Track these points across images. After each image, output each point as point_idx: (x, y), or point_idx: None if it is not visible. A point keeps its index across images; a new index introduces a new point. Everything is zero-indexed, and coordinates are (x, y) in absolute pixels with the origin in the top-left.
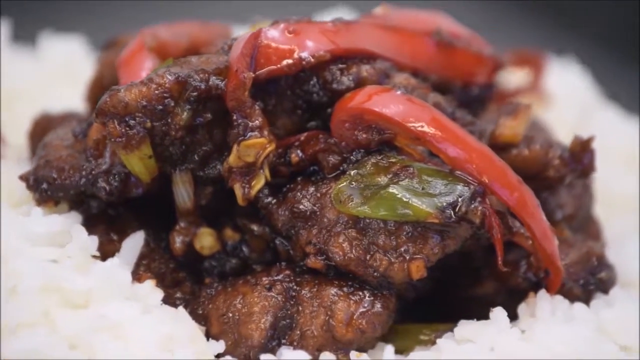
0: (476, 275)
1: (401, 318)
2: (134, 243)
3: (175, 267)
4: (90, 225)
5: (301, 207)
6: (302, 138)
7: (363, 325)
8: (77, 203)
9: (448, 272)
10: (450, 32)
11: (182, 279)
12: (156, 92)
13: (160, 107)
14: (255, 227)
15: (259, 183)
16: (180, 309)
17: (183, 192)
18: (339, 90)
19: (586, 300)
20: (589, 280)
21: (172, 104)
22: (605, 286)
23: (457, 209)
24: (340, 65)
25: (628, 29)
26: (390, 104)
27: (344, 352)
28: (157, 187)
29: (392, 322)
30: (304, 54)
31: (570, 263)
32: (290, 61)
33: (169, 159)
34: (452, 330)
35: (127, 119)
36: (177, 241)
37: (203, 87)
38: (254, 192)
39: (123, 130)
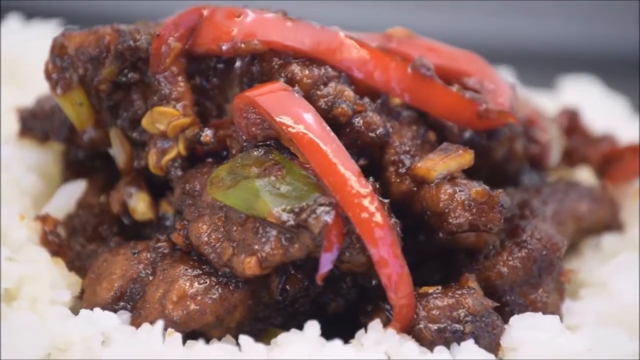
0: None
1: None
2: (72, 190)
3: (101, 223)
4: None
5: (187, 185)
6: (219, 122)
7: (191, 308)
8: (67, 151)
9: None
10: (459, 71)
11: (106, 234)
12: (93, 41)
13: (93, 56)
14: (172, 200)
15: (169, 154)
16: (43, 252)
17: (115, 150)
18: None
19: (441, 344)
20: (447, 328)
21: (104, 55)
22: (463, 338)
23: (297, 215)
24: (280, 62)
25: None
26: (280, 102)
27: (174, 330)
28: None
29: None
30: (237, 39)
31: (433, 306)
32: (222, 42)
33: (105, 113)
34: None
35: (62, 61)
36: (112, 198)
37: (127, 45)
38: (163, 162)
39: (55, 70)
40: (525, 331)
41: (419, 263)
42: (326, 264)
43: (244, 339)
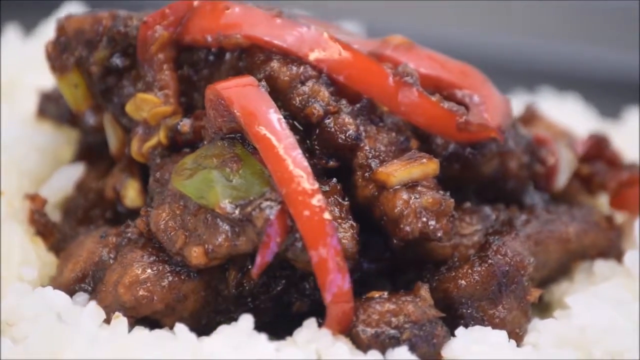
0: None
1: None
2: (70, 173)
3: (93, 207)
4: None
5: (158, 173)
6: (200, 112)
7: (140, 293)
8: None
9: None
10: (450, 83)
11: (97, 218)
12: (90, 25)
13: (89, 39)
14: None
15: (150, 142)
16: (19, 229)
17: (108, 136)
18: None
19: (377, 349)
20: (384, 332)
21: (99, 39)
22: (399, 344)
23: (242, 208)
24: (263, 57)
25: None
26: (243, 95)
27: (120, 314)
28: None
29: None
30: (221, 31)
31: (373, 311)
32: (207, 33)
33: (99, 98)
34: None
35: (61, 43)
36: (107, 184)
37: (116, 29)
38: (144, 149)
39: (54, 51)
40: (469, 344)
41: (397, 271)
42: (262, 259)
43: (179, 327)
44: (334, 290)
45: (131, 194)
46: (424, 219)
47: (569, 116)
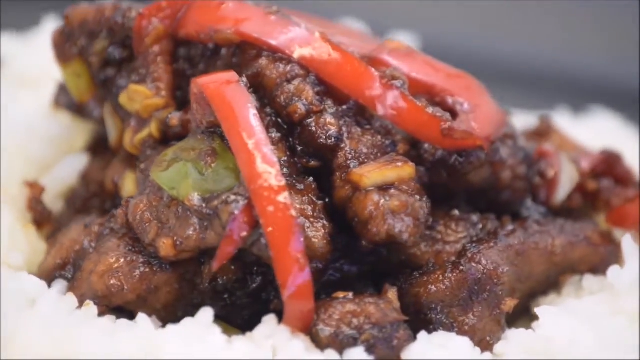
0: None
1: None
2: (74, 163)
3: (92, 197)
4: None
5: (143, 165)
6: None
7: (111, 282)
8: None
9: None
10: (443, 89)
11: (95, 208)
12: (93, 15)
13: (91, 30)
14: None
15: (141, 134)
16: (9, 216)
17: (108, 127)
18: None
19: (336, 348)
20: (343, 332)
21: (100, 30)
22: (356, 344)
23: (209, 202)
24: (254, 54)
25: None
26: (221, 91)
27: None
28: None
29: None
30: (213, 27)
31: (335, 311)
32: (200, 28)
33: (99, 89)
34: None
35: (67, 32)
36: (107, 175)
37: (114, 21)
38: (136, 141)
39: (59, 40)
40: (430, 348)
41: (382, 276)
42: (222, 252)
43: (141, 316)
44: (292, 288)
45: (129, 185)
46: (391, 222)
47: (608, 134)
